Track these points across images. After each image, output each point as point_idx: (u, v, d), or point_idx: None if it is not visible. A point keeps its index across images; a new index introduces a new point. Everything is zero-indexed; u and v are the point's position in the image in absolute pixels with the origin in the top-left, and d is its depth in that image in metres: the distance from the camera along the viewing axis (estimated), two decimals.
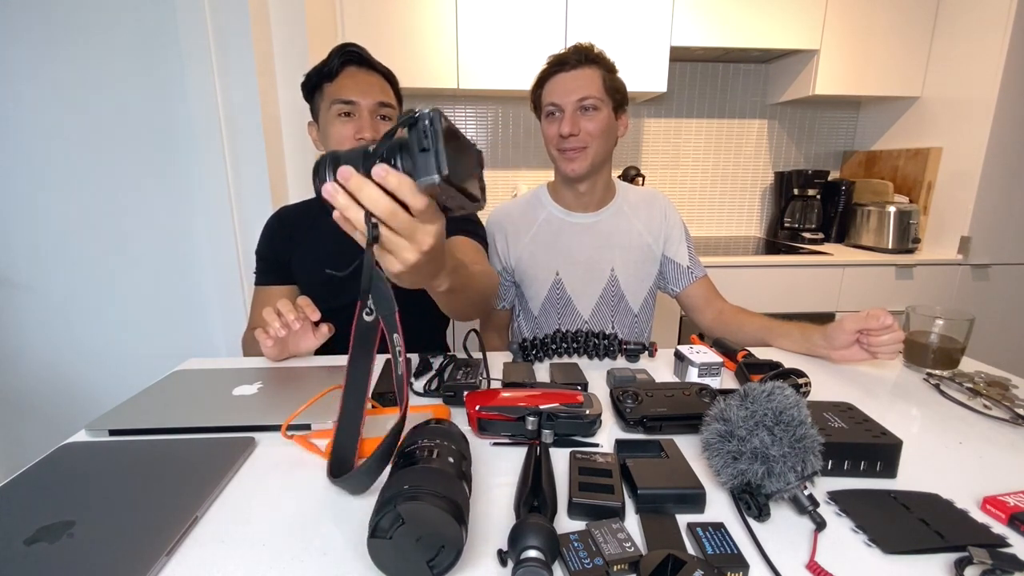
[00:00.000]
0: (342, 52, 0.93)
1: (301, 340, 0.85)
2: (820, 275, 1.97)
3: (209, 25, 1.36)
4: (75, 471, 0.53)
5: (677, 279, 1.14)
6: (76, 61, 1.40)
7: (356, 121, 0.92)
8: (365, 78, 0.94)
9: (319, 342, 0.86)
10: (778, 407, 0.47)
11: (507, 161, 2.33)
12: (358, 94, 0.91)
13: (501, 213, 1.17)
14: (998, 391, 0.72)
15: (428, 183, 0.40)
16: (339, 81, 0.92)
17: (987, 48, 1.83)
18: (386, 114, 0.94)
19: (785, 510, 0.47)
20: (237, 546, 0.43)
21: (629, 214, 1.13)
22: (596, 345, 0.83)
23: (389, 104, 0.94)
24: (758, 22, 1.94)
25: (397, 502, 0.37)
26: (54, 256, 1.52)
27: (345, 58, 0.93)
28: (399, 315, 0.48)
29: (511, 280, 1.16)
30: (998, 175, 1.88)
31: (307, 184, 1.59)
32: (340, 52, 0.93)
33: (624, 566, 0.39)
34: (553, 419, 0.58)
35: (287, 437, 0.60)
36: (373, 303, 0.47)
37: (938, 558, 0.42)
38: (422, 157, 0.40)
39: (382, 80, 0.96)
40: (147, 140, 1.46)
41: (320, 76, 0.94)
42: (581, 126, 1.01)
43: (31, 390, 1.60)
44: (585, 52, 1.02)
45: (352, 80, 0.93)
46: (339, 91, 0.92)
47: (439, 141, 0.39)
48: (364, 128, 0.91)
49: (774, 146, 2.43)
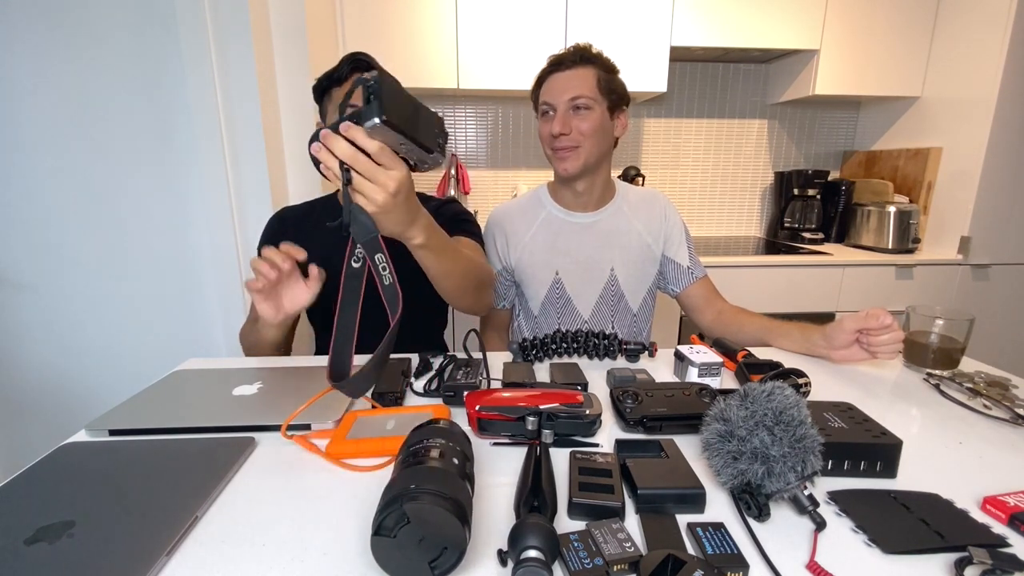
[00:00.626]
0: (352, 60, 0.94)
1: (295, 293, 0.83)
2: (820, 275, 1.97)
3: (209, 25, 1.36)
4: (75, 471, 0.53)
5: (677, 279, 1.14)
6: (76, 61, 1.40)
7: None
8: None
9: (313, 292, 0.84)
10: (778, 407, 0.47)
11: (507, 161, 2.33)
12: None
13: (501, 213, 1.17)
14: (998, 391, 0.72)
15: (371, 125, 0.52)
16: (346, 85, 0.93)
17: (987, 48, 1.84)
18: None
19: (785, 510, 0.47)
20: (237, 546, 0.43)
21: (629, 214, 1.13)
22: (596, 345, 0.83)
23: None
24: (758, 22, 1.94)
25: (403, 501, 0.37)
26: (54, 256, 1.52)
27: (354, 65, 0.94)
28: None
29: (511, 280, 1.16)
30: (998, 175, 1.88)
31: (307, 184, 1.59)
32: (350, 60, 0.95)
33: (624, 566, 0.39)
34: (553, 419, 0.58)
35: (287, 437, 0.60)
36: (354, 233, 0.57)
37: (938, 558, 0.42)
38: (366, 108, 0.52)
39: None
40: (147, 140, 1.46)
41: (330, 81, 0.95)
42: (572, 125, 1.01)
43: (31, 390, 1.60)
44: (581, 52, 1.02)
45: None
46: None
47: (380, 94, 0.51)
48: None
49: (774, 146, 2.43)
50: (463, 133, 2.29)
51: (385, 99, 0.51)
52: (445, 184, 2.23)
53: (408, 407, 0.68)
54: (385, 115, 0.51)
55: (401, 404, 0.70)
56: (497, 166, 2.33)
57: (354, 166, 0.55)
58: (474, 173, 2.31)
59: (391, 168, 0.57)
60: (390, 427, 0.60)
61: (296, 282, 0.84)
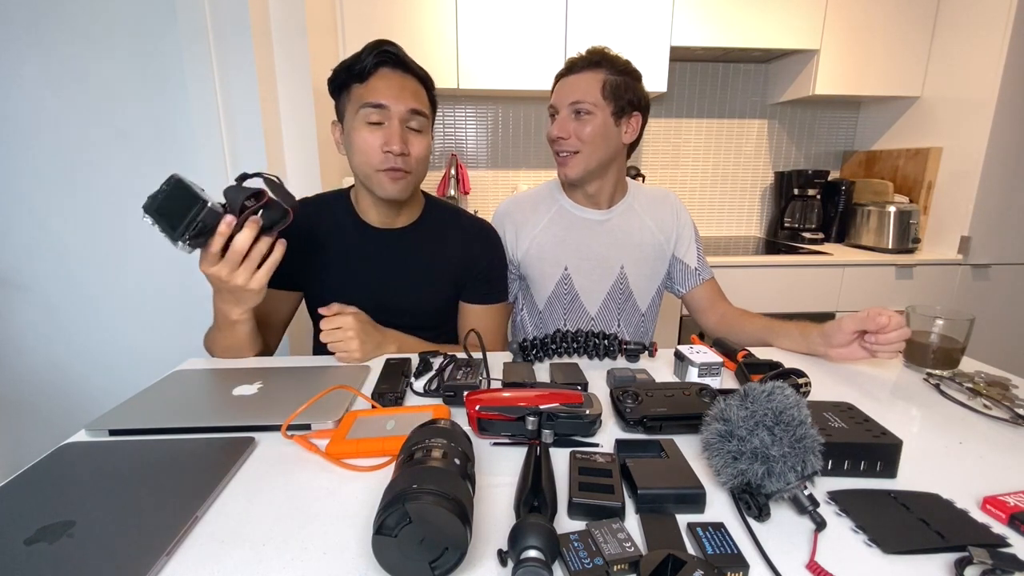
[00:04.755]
0: (377, 51, 0.85)
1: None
2: (820, 275, 1.97)
3: (209, 25, 1.36)
4: (75, 471, 0.53)
5: (684, 280, 1.14)
6: (76, 61, 1.40)
7: (385, 130, 0.85)
8: (400, 81, 0.86)
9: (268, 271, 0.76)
10: (778, 407, 0.47)
11: (507, 161, 2.33)
12: (391, 98, 0.84)
13: (511, 204, 1.15)
14: (998, 391, 0.72)
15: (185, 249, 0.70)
16: (371, 83, 0.85)
17: (987, 48, 1.84)
18: (417, 125, 0.88)
19: (785, 510, 0.47)
20: (237, 546, 0.43)
21: (640, 212, 1.13)
22: (596, 345, 0.83)
23: (421, 112, 0.87)
24: (758, 22, 1.94)
25: (405, 500, 0.37)
26: (54, 256, 1.52)
27: (381, 58, 0.85)
28: None
29: (516, 273, 1.15)
30: (998, 175, 1.88)
31: (307, 185, 1.59)
32: (375, 50, 0.85)
33: (624, 566, 0.39)
34: (553, 419, 0.58)
35: (287, 437, 0.60)
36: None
37: (938, 558, 0.42)
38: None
39: (417, 84, 0.89)
40: (147, 140, 1.46)
41: (350, 75, 0.86)
42: (572, 130, 1.01)
43: (31, 390, 1.60)
44: (591, 56, 1.01)
45: (385, 82, 0.85)
46: (370, 93, 0.84)
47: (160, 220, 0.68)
48: (393, 139, 0.84)
49: (774, 146, 2.43)
50: (463, 133, 2.29)
51: (164, 222, 0.68)
52: (445, 184, 2.23)
53: (408, 407, 0.68)
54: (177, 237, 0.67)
55: (401, 404, 0.70)
56: (497, 166, 2.33)
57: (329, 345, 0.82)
58: (474, 173, 2.31)
59: (345, 328, 0.82)
60: (390, 427, 0.60)
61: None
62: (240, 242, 0.71)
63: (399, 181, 0.88)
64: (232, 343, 0.84)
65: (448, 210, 1.05)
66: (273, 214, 0.73)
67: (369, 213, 0.96)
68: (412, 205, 0.99)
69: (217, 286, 0.76)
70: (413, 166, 0.88)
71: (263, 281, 0.75)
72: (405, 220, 0.98)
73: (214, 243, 0.70)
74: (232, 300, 0.78)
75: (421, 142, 0.89)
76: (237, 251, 0.71)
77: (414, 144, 0.88)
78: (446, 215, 1.03)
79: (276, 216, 0.73)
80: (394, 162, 0.86)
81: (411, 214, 0.99)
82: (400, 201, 0.92)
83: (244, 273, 0.73)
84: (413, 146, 0.88)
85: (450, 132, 2.28)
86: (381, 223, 0.97)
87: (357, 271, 0.96)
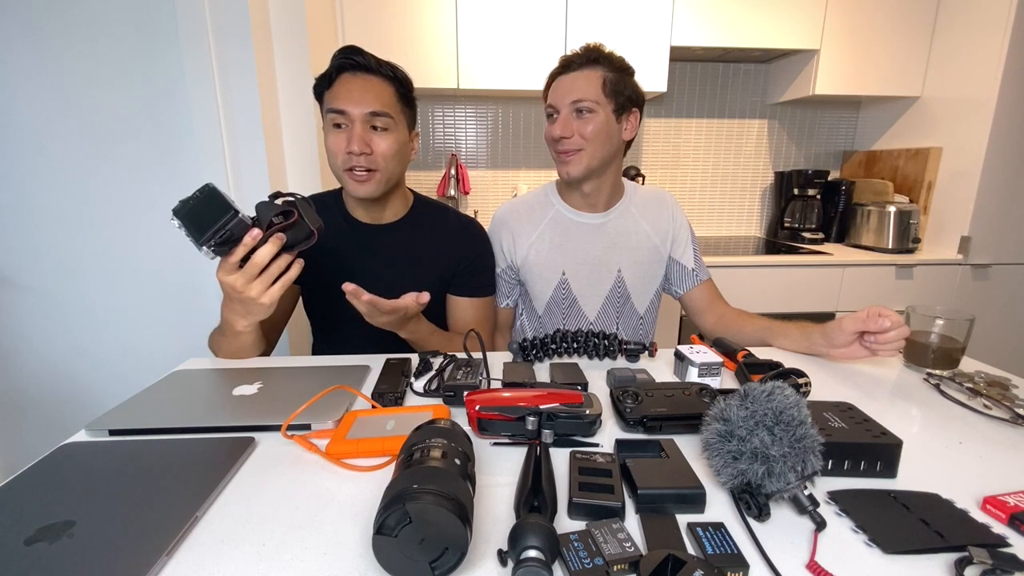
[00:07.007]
0: (339, 57, 0.90)
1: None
2: (820, 275, 1.97)
3: (209, 25, 1.36)
4: (75, 471, 0.53)
5: (681, 281, 1.14)
6: (76, 61, 1.40)
7: (347, 132, 0.89)
8: (360, 84, 0.89)
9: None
10: (778, 407, 0.47)
11: (507, 161, 2.33)
12: (350, 103, 0.88)
13: (507, 210, 1.15)
14: (998, 391, 0.72)
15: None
16: (334, 89, 0.90)
17: (987, 48, 1.83)
18: (382, 124, 0.90)
19: (785, 510, 0.47)
20: (237, 546, 0.43)
21: (637, 215, 1.12)
22: (596, 345, 0.83)
23: (383, 113, 0.89)
24: (758, 22, 1.94)
25: (405, 500, 0.37)
26: (54, 256, 1.52)
27: (340, 64, 0.90)
28: None
29: (515, 279, 1.15)
30: (998, 175, 1.88)
31: (308, 185, 1.59)
32: (336, 57, 0.90)
33: (624, 566, 0.39)
34: (553, 419, 0.58)
35: (287, 437, 0.60)
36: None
37: (938, 558, 0.42)
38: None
39: (383, 85, 0.91)
40: (147, 140, 1.46)
41: (320, 82, 0.92)
42: (574, 128, 1.00)
43: (31, 390, 1.60)
44: (589, 53, 1.00)
45: (345, 88, 0.89)
46: (332, 99, 0.90)
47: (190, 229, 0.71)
48: (354, 141, 0.88)
49: (774, 146, 2.43)
50: (463, 133, 2.29)
51: (194, 229, 0.70)
52: (445, 184, 2.23)
53: (408, 407, 0.68)
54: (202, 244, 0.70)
55: (401, 404, 0.70)
56: (497, 166, 2.33)
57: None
58: (474, 173, 2.31)
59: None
60: (390, 427, 0.60)
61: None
62: (260, 255, 0.72)
63: (366, 182, 0.92)
64: (235, 349, 0.86)
65: (436, 207, 1.09)
66: (298, 233, 0.75)
67: (356, 210, 1.01)
68: (396, 202, 1.02)
69: (229, 295, 0.77)
70: (380, 164, 0.91)
71: (275, 296, 0.76)
72: (392, 216, 1.02)
73: (236, 253, 0.71)
74: (241, 311, 0.79)
75: (385, 140, 0.91)
76: (256, 264, 0.72)
77: (378, 143, 0.91)
78: (433, 212, 1.07)
79: (300, 236, 0.76)
80: (356, 162, 0.90)
81: (397, 210, 1.03)
82: (375, 198, 0.95)
83: (259, 286, 0.74)
84: (377, 144, 0.91)
85: (450, 132, 2.28)
86: (369, 219, 1.01)
87: (348, 266, 0.98)
